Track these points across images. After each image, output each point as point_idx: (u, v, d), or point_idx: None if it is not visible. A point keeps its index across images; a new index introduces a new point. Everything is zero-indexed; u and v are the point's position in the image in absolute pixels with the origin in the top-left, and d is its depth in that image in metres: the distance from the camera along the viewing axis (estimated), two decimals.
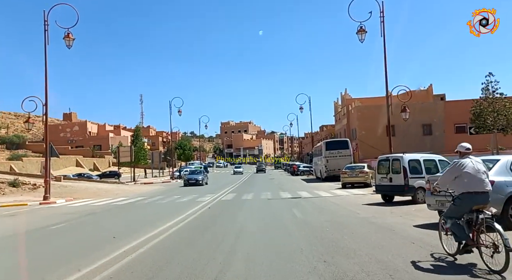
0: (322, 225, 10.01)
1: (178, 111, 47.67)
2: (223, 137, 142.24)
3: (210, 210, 14.96)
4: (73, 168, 69.29)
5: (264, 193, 22.40)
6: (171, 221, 11.60)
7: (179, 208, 15.82)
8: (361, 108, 44.89)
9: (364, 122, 44.31)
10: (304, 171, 51.94)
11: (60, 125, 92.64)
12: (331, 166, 33.71)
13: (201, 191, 26.03)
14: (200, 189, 29.24)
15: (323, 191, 22.70)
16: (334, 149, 34.04)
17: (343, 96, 50.14)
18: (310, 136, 78.61)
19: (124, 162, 47.64)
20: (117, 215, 15.00)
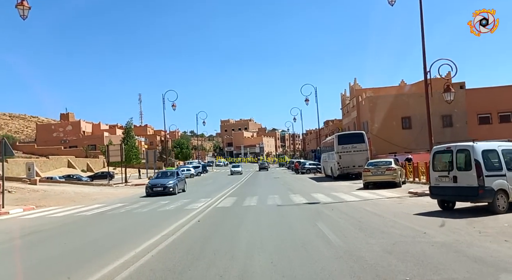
0: (389, 264, 5.61)
1: (172, 105, 43.43)
2: (223, 135, 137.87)
3: (198, 225, 10.58)
4: (64, 169, 65.03)
5: (271, 197, 18.05)
6: (126, 254, 7.19)
7: (157, 222, 11.49)
8: (374, 99, 40.50)
9: (377, 114, 39.93)
10: (310, 169, 47.57)
11: (52, 125, 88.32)
12: (344, 162, 29.34)
13: (194, 196, 21.69)
14: (191, 193, 24.90)
15: (343, 193, 18.34)
16: (348, 144, 29.65)
17: (352, 86, 45.81)
18: (314, 132, 74.26)
19: (115, 162, 43.34)
20: (64, 236, 10.58)
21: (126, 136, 44.71)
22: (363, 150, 29.42)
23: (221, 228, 10.00)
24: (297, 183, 29.66)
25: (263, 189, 24.64)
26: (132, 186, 36.79)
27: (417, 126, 39.72)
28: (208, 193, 22.77)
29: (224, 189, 24.78)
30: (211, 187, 29.14)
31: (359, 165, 29.24)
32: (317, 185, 26.12)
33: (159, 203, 17.93)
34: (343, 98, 53.81)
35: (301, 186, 25.22)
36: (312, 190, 21.02)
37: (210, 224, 10.69)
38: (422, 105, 39.65)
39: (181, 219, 11.72)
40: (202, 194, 22.39)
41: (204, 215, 12.73)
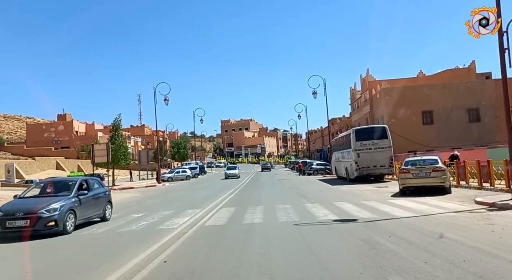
0: None
1: (164, 99, 38.62)
2: (224, 136, 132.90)
3: (162, 274, 5.73)
4: (52, 171, 60.21)
5: (282, 207, 13.25)
6: None
7: (90, 263, 6.67)
8: (390, 91, 35.66)
9: (393, 108, 35.08)
10: (318, 170, 42.77)
11: (43, 125, 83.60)
12: (363, 162, 24.52)
13: (181, 205, 16.91)
14: (179, 200, 20.11)
15: (378, 202, 13.51)
16: (368, 140, 24.82)
17: (364, 78, 40.98)
18: (319, 131, 69.37)
19: (101, 163, 38.54)
20: None
21: (114, 134, 39.82)
22: (385, 147, 24.61)
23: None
24: (308, 186, 24.82)
25: (269, 194, 19.85)
26: (118, 190, 32.02)
27: (440, 121, 34.95)
28: (199, 200, 17.99)
29: (220, 195, 19.96)
30: (206, 192, 24.35)
31: (381, 164, 24.49)
32: (334, 189, 21.28)
33: (130, 217, 13.17)
34: (352, 92, 48.90)
35: (316, 191, 20.42)
36: (332, 197, 16.20)
37: (183, 271, 5.83)
38: (445, 97, 34.77)
39: (135, 257, 6.87)
40: (191, 202, 17.60)
41: (180, 244, 7.91)
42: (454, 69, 38.52)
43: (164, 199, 20.54)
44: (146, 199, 21.01)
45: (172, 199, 20.20)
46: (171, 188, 31.15)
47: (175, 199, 20.00)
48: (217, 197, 18.96)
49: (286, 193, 20.42)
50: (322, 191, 20.57)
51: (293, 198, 16.98)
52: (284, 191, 21.93)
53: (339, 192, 19.23)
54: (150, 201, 20.01)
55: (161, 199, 21.04)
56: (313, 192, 20.07)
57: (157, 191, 28.03)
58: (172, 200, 19.57)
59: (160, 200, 20.05)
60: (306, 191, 20.52)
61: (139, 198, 22.32)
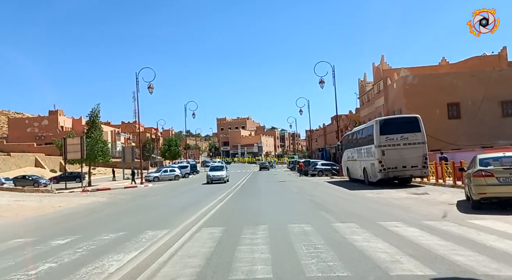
0: None
1: (148, 87, 33.18)
2: (219, 134, 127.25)
3: None
4: (31, 168, 54.59)
5: (298, 231, 7.90)
6: None
7: None
8: (411, 79, 30.33)
9: (415, 99, 29.80)
10: (323, 171, 37.50)
11: (26, 119, 77.86)
12: (390, 161, 19.21)
13: (144, 218, 11.53)
14: (151, 208, 14.68)
15: (458, 225, 8.17)
16: (396, 133, 19.47)
17: (378, 66, 35.61)
18: (321, 129, 64.05)
19: (74, 160, 33.09)
20: None
21: (91, 127, 34.36)
22: (418, 143, 19.32)
23: None
24: (319, 191, 19.48)
25: (272, 203, 14.46)
26: (89, 192, 26.61)
27: (468, 115, 29.70)
28: (174, 212, 12.61)
29: (206, 203, 14.55)
30: (190, 196, 18.97)
31: (413, 165, 19.20)
32: (358, 196, 15.88)
33: (57, 241, 7.74)
34: (361, 84, 43.50)
35: (335, 199, 15.03)
36: (368, 211, 10.86)
37: None
38: (474, 87, 29.02)
39: None
40: (160, 215, 12.22)
41: None
42: (482, 56, 33.34)
43: (128, 208, 15.12)
44: (106, 207, 15.55)
45: (139, 208, 14.79)
46: (151, 190, 25.73)
47: (143, 208, 14.58)
48: (200, 206, 13.58)
49: (296, 201, 15.05)
50: (342, 198, 15.21)
51: (309, 211, 11.64)
52: (292, 198, 16.57)
53: (368, 201, 13.88)
54: (109, 210, 14.56)
55: (126, 207, 15.61)
56: (332, 200, 14.71)
57: (132, 194, 22.61)
58: (137, 210, 14.17)
59: (123, 209, 14.64)
60: (322, 199, 15.14)
61: (100, 204, 16.85)
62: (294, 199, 15.74)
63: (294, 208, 12.65)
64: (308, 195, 17.22)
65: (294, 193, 18.91)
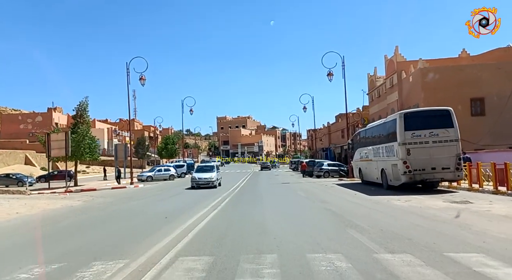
0: None
1: (140, 78, 30.10)
2: (219, 133, 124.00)
3: None
4: (20, 166, 51.52)
5: (324, 267, 4.80)
6: None
7: None
8: (430, 72, 27.16)
9: (434, 93, 26.68)
10: (329, 172, 34.35)
11: (19, 115, 74.80)
12: (417, 161, 16.12)
13: (102, 238, 8.39)
14: (124, 218, 11.55)
15: None
16: (424, 128, 16.35)
17: (391, 59, 32.34)
18: (325, 128, 60.84)
19: (59, 157, 29.99)
20: None
21: (77, 122, 31.25)
22: (450, 141, 16.20)
23: None
24: (332, 196, 16.34)
25: (278, 215, 11.25)
26: (70, 192, 23.58)
27: (494, 112, 26.57)
28: (150, 225, 9.55)
29: (194, 213, 11.46)
30: (178, 201, 15.88)
31: (444, 166, 16.12)
32: (385, 205, 12.69)
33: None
34: (371, 79, 40.28)
35: (358, 209, 11.80)
36: (417, 232, 7.77)
37: None
38: (501, 81, 25.16)
39: None
40: (129, 230, 9.20)
41: None
42: (507, 48, 30.17)
43: (97, 217, 11.99)
44: (71, 215, 12.41)
45: (111, 217, 11.69)
46: (140, 192, 22.62)
47: (115, 218, 11.47)
48: (187, 216, 10.55)
49: (308, 210, 11.90)
50: (365, 207, 12.04)
51: (331, 228, 8.54)
52: (301, 204, 13.43)
53: (402, 212, 10.76)
54: (71, 219, 11.42)
55: (97, 214, 12.49)
56: (353, 209, 11.57)
57: (115, 197, 19.49)
58: (107, 220, 11.07)
59: (90, 218, 11.51)
60: (340, 208, 11.99)
61: (67, 211, 13.70)
62: (305, 207, 12.61)
63: (309, 222, 9.54)
64: (320, 201, 14.10)
65: (302, 198, 15.79)
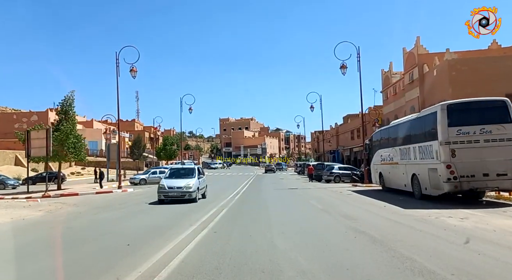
0: None
1: (130, 70, 26.75)
2: (222, 135, 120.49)
3: None
4: (9, 167, 48.45)
5: None
6: None
7: None
8: (459, 64, 23.62)
9: (463, 88, 23.11)
10: (340, 176, 30.82)
11: (14, 114, 71.83)
12: (465, 165, 12.61)
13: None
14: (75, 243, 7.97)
15: None
16: (473, 124, 12.84)
17: (411, 51, 28.61)
18: (333, 129, 57.25)
19: (39, 157, 26.63)
20: None
21: (62, 119, 27.95)
22: (507, 139, 12.68)
23: None
24: (357, 209, 12.77)
25: (294, 245, 7.66)
26: (53, 198, 20.38)
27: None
28: (92, 264, 5.96)
29: (172, 236, 8.04)
30: (161, 213, 12.34)
31: (500, 172, 12.57)
32: (435, 225, 9.07)
33: None
34: (386, 76, 36.64)
35: (409, 234, 8.08)
36: None
37: None
38: None
39: None
40: (53, 274, 5.56)
41: None
42: None
43: (37, 241, 8.47)
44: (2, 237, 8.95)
45: (50, 244, 8.20)
46: (125, 198, 19.19)
47: (55, 246, 7.91)
48: (158, 244, 7.12)
49: (334, 236, 8.22)
50: (414, 230, 8.45)
51: (388, 277, 4.99)
52: (322, 224, 9.84)
53: (481, 241, 7.24)
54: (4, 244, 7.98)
55: (42, 235, 9.04)
56: (402, 235, 7.97)
57: (90, 205, 16.05)
58: (41, 250, 7.56)
59: (21, 245, 7.99)
60: (379, 231, 8.40)
61: (9, 228, 10.23)
62: (328, 228, 9.07)
63: (341, 259, 6.01)
64: (343, 217, 10.59)
65: (318, 211, 12.27)
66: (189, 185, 15.45)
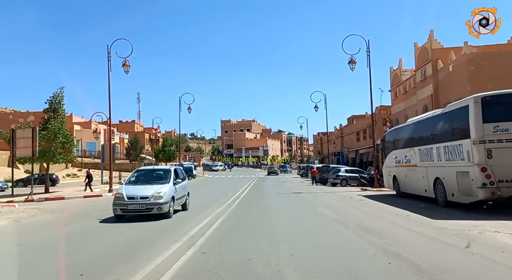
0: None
1: (123, 64, 24.85)
2: (223, 137, 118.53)
3: None
4: (2, 168, 46.39)
5: None
6: None
7: None
8: (480, 58, 21.62)
9: (484, 85, 21.03)
10: (347, 179, 28.81)
11: (10, 114, 70.08)
12: (504, 169, 10.67)
13: None
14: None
15: None
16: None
17: (424, 46, 26.43)
18: (337, 130, 55.23)
19: (25, 158, 24.73)
20: None
21: (50, 117, 26.07)
22: None
23: None
24: (388, 225, 10.60)
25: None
26: (33, 203, 18.53)
27: None
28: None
29: (141, 263, 6.04)
30: (133, 230, 10.30)
31: None
32: (490, 246, 7.12)
33: None
34: (394, 73, 34.56)
35: (474, 267, 6.10)
36: None
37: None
38: None
39: None
40: None
41: None
42: None
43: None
44: None
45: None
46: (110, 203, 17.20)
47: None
48: (126, 273, 5.10)
49: (359, 261, 6.25)
50: (465, 254, 6.46)
51: None
52: (340, 242, 7.79)
53: None
54: None
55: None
56: (455, 262, 5.95)
57: (68, 211, 14.12)
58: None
59: None
60: (419, 255, 6.38)
61: None
62: (351, 249, 7.04)
63: None
64: (364, 230, 8.57)
65: (332, 222, 10.27)
66: (159, 194, 11.14)
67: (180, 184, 12.73)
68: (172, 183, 12.02)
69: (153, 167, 14.71)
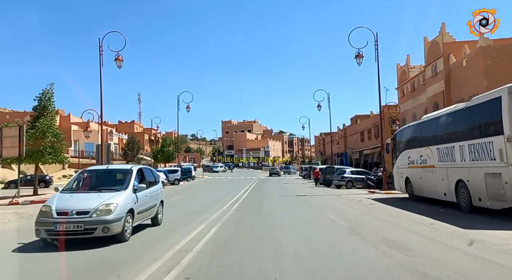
0: None
1: (116, 58, 23.41)
2: (224, 137, 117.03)
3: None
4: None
5: None
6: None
7: None
8: (497, 51, 20.09)
9: (501, 80, 19.39)
10: (352, 181, 27.30)
11: (7, 114, 68.54)
12: None
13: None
14: None
15: None
16: None
17: (435, 40, 24.83)
18: (342, 130, 53.68)
19: (12, 158, 23.32)
20: None
21: (40, 115, 24.71)
22: None
23: None
24: (415, 237, 9.12)
25: None
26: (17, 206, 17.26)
27: None
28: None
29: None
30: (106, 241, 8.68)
31: None
32: None
33: None
34: (402, 70, 32.97)
35: None
36: None
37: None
38: None
39: None
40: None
41: None
42: None
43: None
44: None
45: None
46: None
47: None
48: None
49: None
50: (509, 271, 5.00)
51: None
52: (357, 256, 6.31)
53: None
54: None
55: None
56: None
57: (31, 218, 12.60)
58: None
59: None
60: (454, 275, 4.92)
61: None
62: (377, 270, 5.56)
63: None
64: (388, 245, 7.06)
65: (345, 233, 8.77)
66: (106, 207, 7.54)
67: (145, 191, 9.08)
68: (131, 190, 8.45)
69: (107, 167, 10.54)
